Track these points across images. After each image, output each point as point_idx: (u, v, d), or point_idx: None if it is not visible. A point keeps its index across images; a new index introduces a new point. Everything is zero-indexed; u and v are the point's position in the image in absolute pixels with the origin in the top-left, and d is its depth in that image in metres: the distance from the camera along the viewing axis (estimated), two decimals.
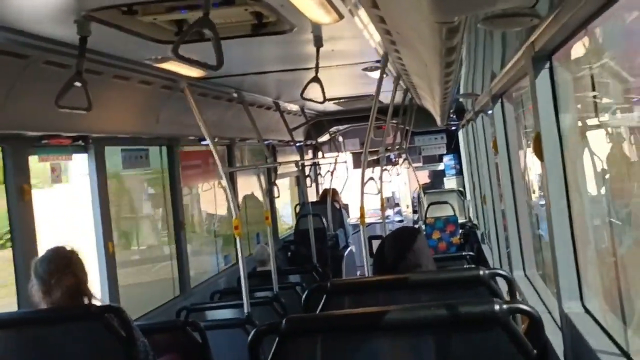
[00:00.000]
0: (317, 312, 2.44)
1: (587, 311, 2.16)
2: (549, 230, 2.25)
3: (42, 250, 2.85)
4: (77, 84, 2.60)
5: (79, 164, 3.93)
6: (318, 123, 8.54)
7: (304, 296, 2.61)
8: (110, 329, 2.51)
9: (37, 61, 2.85)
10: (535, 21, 1.76)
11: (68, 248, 2.70)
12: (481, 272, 2.46)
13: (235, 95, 5.07)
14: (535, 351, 1.82)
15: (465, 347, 1.89)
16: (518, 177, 3.96)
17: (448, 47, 2.14)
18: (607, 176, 2.31)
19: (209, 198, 6.33)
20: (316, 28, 3.19)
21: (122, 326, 2.56)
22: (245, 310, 3.94)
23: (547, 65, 2.17)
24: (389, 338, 1.96)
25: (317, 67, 3.40)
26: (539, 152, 2.19)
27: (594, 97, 2.30)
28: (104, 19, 2.52)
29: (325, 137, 9.18)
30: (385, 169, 7.75)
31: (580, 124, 2.39)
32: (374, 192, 5.60)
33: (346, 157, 9.95)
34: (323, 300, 2.51)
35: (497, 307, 1.86)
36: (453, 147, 10.23)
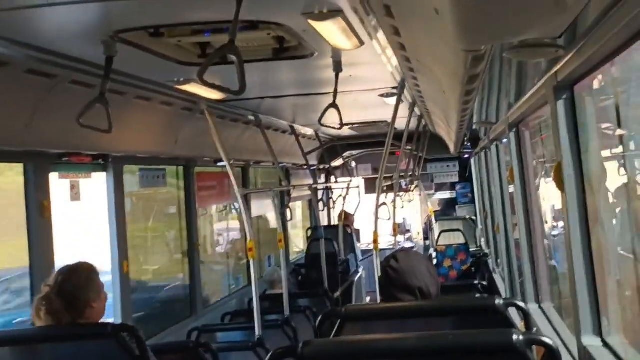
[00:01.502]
0: (331, 337, 2.43)
1: (605, 345, 2.14)
2: (568, 262, 2.23)
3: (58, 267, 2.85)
4: (99, 104, 2.64)
5: (92, 183, 3.95)
6: (332, 147, 8.58)
7: (318, 320, 2.58)
8: (125, 348, 2.50)
9: (63, 80, 2.89)
10: (560, 52, 1.78)
11: (88, 265, 2.72)
12: (497, 302, 2.44)
13: (252, 118, 5.11)
14: None
15: None
16: (533, 206, 3.94)
17: (471, 75, 2.16)
18: (630, 206, 2.30)
19: (221, 219, 6.34)
20: (336, 54, 3.22)
21: (136, 345, 2.55)
22: (257, 333, 3.92)
23: (569, 95, 2.18)
24: None
25: (335, 93, 3.43)
26: (559, 182, 2.18)
27: (615, 127, 2.30)
28: (131, 40, 2.56)
29: (338, 162, 9.21)
30: (398, 195, 7.74)
31: (602, 154, 2.39)
32: (386, 217, 5.58)
33: (358, 182, 9.95)
34: (337, 325, 2.49)
35: (515, 337, 1.84)
36: (465, 175, 10.21)
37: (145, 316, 4.82)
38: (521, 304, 2.77)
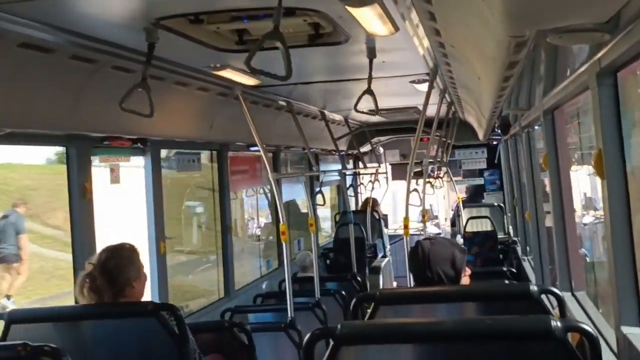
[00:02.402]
0: (366, 319, 2.46)
1: None
2: (609, 250, 2.22)
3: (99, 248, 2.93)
4: (141, 89, 2.69)
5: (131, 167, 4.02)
6: (360, 133, 8.58)
7: (352, 303, 2.62)
8: (165, 326, 2.57)
9: (105, 66, 2.95)
10: (606, 37, 1.77)
11: (130, 245, 2.80)
12: (532, 288, 2.44)
13: (283, 103, 5.14)
14: None
15: None
16: (567, 194, 3.91)
17: (512, 60, 2.15)
18: None
19: (252, 203, 6.40)
20: (370, 40, 3.22)
21: (176, 324, 2.62)
22: (289, 315, 3.98)
23: (612, 81, 2.16)
24: (439, 349, 1.96)
25: (370, 79, 3.43)
26: (600, 170, 2.17)
27: None
28: (172, 27, 2.60)
29: (366, 148, 9.21)
30: (428, 182, 7.73)
31: None
32: (417, 203, 5.58)
33: (386, 168, 9.94)
34: (371, 309, 2.52)
35: (553, 323, 1.85)
36: (493, 162, 10.13)
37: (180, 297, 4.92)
38: (556, 290, 2.77)
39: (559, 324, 1.83)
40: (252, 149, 5.44)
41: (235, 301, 4.84)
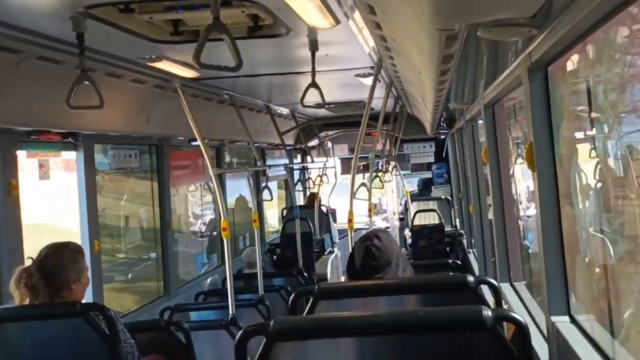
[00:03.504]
0: (304, 314, 2.44)
1: (573, 322, 2.18)
2: (539, 241, 2.26)
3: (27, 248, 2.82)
4: (86, 82, 2.59)
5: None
6: (308, 127, 8.55)
7: (290, 299, 2.60)
8: (94, 327, 2.49)
9: (30, 57, 2.82)
10: (533, 32, 1.78)
11: (76, 245, 2.71)
12: (469, 279, 2.47)
13: (226, 97, 5.06)
14: (520, 357, 1.82)
15: (452, 351, 1.89)
16: (507, 187, 3.98)
17: (445, 54, 2.15)
18: (598, 187, 2.33)
19: (196, 199, 6.29)
20: (312, 32, 3.19)
21: (106, 324, 2.54)
22: (231, 312, 3.92)
23: (542, 75, 2.19)
24: (376, 342, 1.96)
25: (313, 72, 3.40)
26: (531, 162, 2.20)
27: (587, 109, 2.32)
28: (100, 16, 2.50)
29: (314, 142, 9.19)
30: (377, 176, 7.77)
31: (573, 135, 2.41)
32: (366, 197, 5.60)
33: (335, 162, 9.96)
34: (309, 304, 2.50)
35: (485, 313, 1.86)
36: (441, 156, 10.28)
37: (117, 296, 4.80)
38: (492, 281, 2.81)
39: (489, 313, 1.84)
40: (193, 143, 5.33)
41: (176, 299, 4.75)
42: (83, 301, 2.72)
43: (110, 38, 2.83)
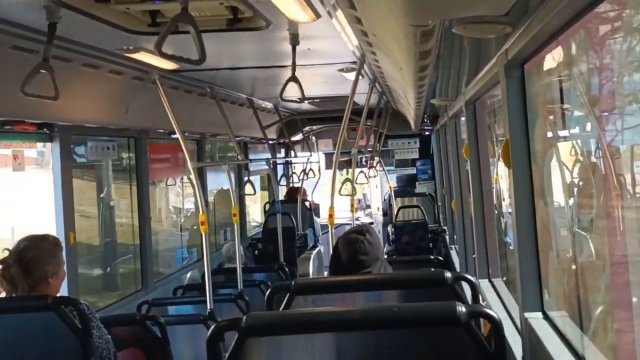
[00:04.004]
0: (280, 310, 2.43)
1: (546, 318, 2.19)
2: (514, 238, 2.27)
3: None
4: (43, 71, 2.54)
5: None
6: (291, 122, 8.52)
7: (267, 294, 2.59)
8: (66, 321, 2.46)
9: (3, 46, 2.77)
10: (507, 29, 1.78)
11: (54, 238, 2.67)
12: (446, 275, 2.47)
13: (207, 89, 5.02)
14: (494, 353, 1.83)
15: (427, 347, 1.89)
16: (487, 184, 3.99)
17: (422, 50, 2.14)
18: (573, 185, 2.34)
19: (177, 192, 6.25)
20: (292, 26, 3.17)
21: (79, 319, 2.51)
22: (208, 307, 3.90)
23: (519, 73, 2.19)
24: (351, 337, 1.95)
25: (294, 66, 3.38)
26: (507, 160, 2.20)
27: (562, 108, 2.33)
28: (75, 6, 2.46)
29: (298, 137, 9.16)
30: (362, 172, 7.77)
31: (549, 134, 2.42)
32: (349, 193, 5.59)
33: (319, 157, 9.95)
34: (286, 299, 2.49)
35: (459, 309, 1.87)
36: (426, 152, 10.31)
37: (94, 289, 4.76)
38: (469, 277, 2.82)
39: (463, 309, 1.84)
40: (173, 136, 5.29)
41: (153, 294, 4.71)
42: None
43: (87, 28, 2.79)
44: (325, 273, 8.10)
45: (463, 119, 5.07)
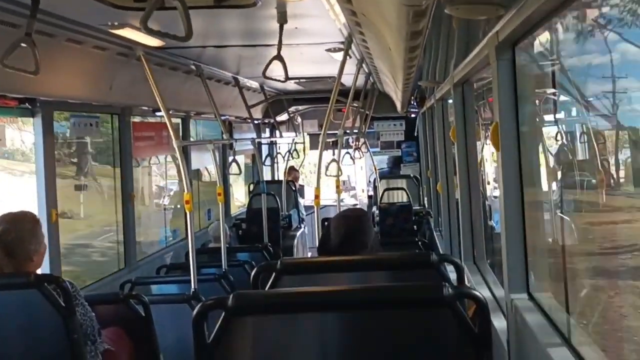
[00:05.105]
0: (266, 290, 2.42)
1: (532, 299, 2.21)
2: (501, 220, 2.27)
3: None
4: (24, 45, 2.48)
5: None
6: (277, 102, 8.46)
7: (252, 274, 2.57)
8: (49, 298, 2.43)
9: None
10: (501, 11, 1.76)
11: (33, 215, 2.63)
12: (432, 257, 2.48)
13: (193, 67, 4.95)
14: (479, 334, 1.84)
15: (413, 327, 1.90)
16: (474, 167, 4.00)
17: (413, 30, 2.12)
18: (559, 170, 2.35)
19: (162, 171, 6.19)
20: (280, 4, 3.12)
21: (62, 296, 2.48)
22: (192, 286, 3.88)
23: (510, 55, 2.17)
24: (337, 317, 1.95)
25: (280, 45, 3.33)
26: (496, 142, 2.20)
27: (552, 93, 2.33)
28: None
29: (283, 117, 9.11)
30: (348, 153, 7.74)
31: (537, 118, 2.42)
32: (335, 174, 5.57)
33: (304, 137, 9.91)
34: (272, 279, 2.48)
35: (445, 289, 1.87)
36: (411, 135, 10.31)
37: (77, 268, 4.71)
38: (454, 259, 2.83)
39: (450, 290, 1.85)
40: (158, 114, 5.22)
41: (136, 273, 4.68)
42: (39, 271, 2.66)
43: (72, 3, 2.73)
44: (309, 254, 8.12)
45: (450, 101, 5.07)
